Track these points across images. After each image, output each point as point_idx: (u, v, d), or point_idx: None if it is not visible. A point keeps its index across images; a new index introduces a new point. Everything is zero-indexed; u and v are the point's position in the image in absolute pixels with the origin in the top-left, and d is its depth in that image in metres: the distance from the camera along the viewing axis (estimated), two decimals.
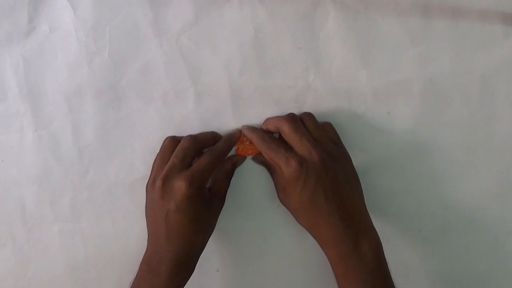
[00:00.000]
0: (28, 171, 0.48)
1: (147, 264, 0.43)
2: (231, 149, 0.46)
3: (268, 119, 0.46)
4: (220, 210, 0.46)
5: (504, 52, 0.45)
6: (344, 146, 0.45)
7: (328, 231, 0.42)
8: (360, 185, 0.44)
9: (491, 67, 0.46)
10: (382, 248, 0.42)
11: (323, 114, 0.46)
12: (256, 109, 0.47)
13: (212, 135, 0.46)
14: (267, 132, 0.45)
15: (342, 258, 0.41)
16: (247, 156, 0.47)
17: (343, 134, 0.46)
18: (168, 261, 0.42)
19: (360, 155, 0.47)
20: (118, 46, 0.46)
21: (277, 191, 0.46)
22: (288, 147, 0.43)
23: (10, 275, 0.50)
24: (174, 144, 0.45)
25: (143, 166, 0.47)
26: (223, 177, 0.47)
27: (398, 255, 0.47)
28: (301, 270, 0.49)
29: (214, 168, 0.44)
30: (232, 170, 0.47)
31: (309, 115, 0.45)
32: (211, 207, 0.44)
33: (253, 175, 0.48)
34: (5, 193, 0.48)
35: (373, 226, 0.43)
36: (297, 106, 0.47)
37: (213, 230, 0.45)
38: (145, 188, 0.46)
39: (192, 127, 0.47)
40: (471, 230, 0.49)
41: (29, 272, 0.50)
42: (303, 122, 0.45)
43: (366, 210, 0.43)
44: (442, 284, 0.50)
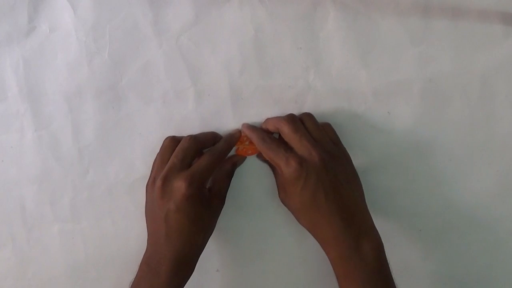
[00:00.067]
0: (28, 171, 0.48)
1: (147, 264, 0.43)
2: (231, 149, 0.46)
3: (268, 120, 0.46)
4: (220, 210, 0.46)
5: (504, 52, 0.45)
6: (344, 146, 0.45)
7: (329, 231, 0.41)
8: (361, 185, 0.44)
9: (491, 67, 0.46)
10: (384, 248, 0.42)
11: (323, 114, 0.46)
12: (256, 109, 0.47)
13: (212, 135, 0.46)
14: (267, 132, 0.45)
15: (343, 258, 0.41)
16: (247, 156, 0.47)
17: (343, 134, 0.46)
18: (168, 261, 0.42)
19: (360, 155, 0.47)
20: (118, 46, 0.46)
21: (278, 191, 0.46)
22: (288, 148, 0.43)
23: (10, 275, 0.50)
24: (174, 144, 0.45)
25: (143, 166, 0.47)
26: (223, 177, 0.47)
27: (398, 255, 0.47)
28: (301, 270, 0.49)
29: (214, 168, 0.44)
30: (232, 170, 0.47)
31: (309, 116, 0.45)
32: (211, 207, 0.44)
33: (253, 175, 0.48)
34: (5, 193, 0.48)
35: (374, 226, 0.43)
36: (297, 106, 0.47)
37: (213, 230, 0.45)
38: (145, 188, 0.46)
39: (192, 127, 0.47)
40: (471, 230, 0.49)
41: (29, 272, 0.50)
42: (303, 123, 0.44)
43: (367, 210, 0.43)
44: (442, 284, 0.50)
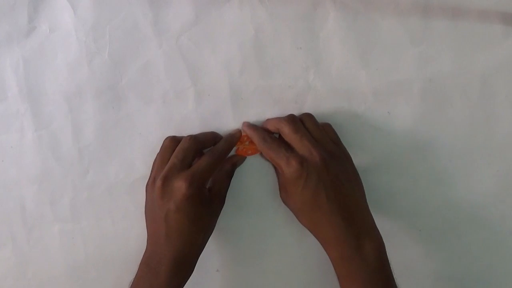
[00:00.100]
0: (28, 171, 0.48)
1: (147, 264, 0.43)
2: (232, 150, 0.46)
3: (268, 120, 0.46)
4: (220, 211, 0.46)
5: (504, 52, 0.45)
6: (344, 146, 0.45)
7: (330, 231, 0.41)
8: (362, 184, 0.44)
9: (491, 67, 0.46)
10: (385, 248, 0.42)
11: (323, 114, 0.46)
12: (256, 109, 0.47)
13: (213, 135, 0.46)
14: (268, 132, 0.45)
15: (344, 258, 0.41)
16: (247, 156, 0.47)
17: (343, 134, 0.46)
18: (168, 261, 0.42)
19: (360, 155, 0.47)
20: (118, 46, 0.46)
21: (280, 191, 0.46)
22: (289, 148, 0.43)
23: (10, 275, 0.50)
24: (174, 144, 0.45)
25: (143, 166, 0.47)
26: (223, 178, 0.46)
27: (399, 255, 0.47)
28: (301, 270, 0.49)
29: (215, 169, 0.44)
30: (232, 170, 0.47)
31: (309, 116, 0.45)
32: (211, 207, 0.44)
33: (253, 175, 0.48)
34: (5, 193, 0.48)
35: (376, 226, 0.43)
36: (297, 107, 0.47)
37: (213, 230, 0.45)
38: (145, 188, 0.46)
39: (192, 127, 0.47)
40: (472, 230, 0.49)
41: (29, 272, 0.50)
42: (303, 123, 0.44)
43: (368, 210, 0.43)
44: (443, 284, 0.50)
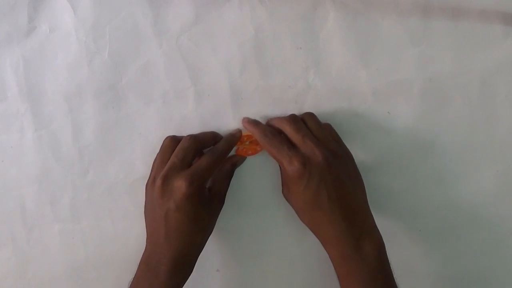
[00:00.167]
0: (28, 171, 0.48)
1: (146, 264, 0.43)
2: (232, 149, 0.46)
3: (270, 121, 0.46)
4: (220, 210, 0.46)
5: (504, 52, 0.45)
6: (346, 146, 0.45)
7: (331, 230, 0.41)
8: (363, 184, 0.44)
9: (491, 67, 0.46)
10: (385, 248, 0.42)
11: (323, 114, 0.46)
12: (256, 109, 0.47)
13: (213, 135, 0.46)
14: (269, 127, 0.45)
15: (345, 258, 0.41)
16: (247, 156, 0.47)
17: (343, 134, 0.46)
18: (167, 261, 0.42)
19: (360, 155, 0.47)
20: (118, 46, 0.46)
21: (282, 186, 0.46)
22: (292, 145, 0.42)
23: (10, 275, 0.50)
24: (174, 144, 0.45)
25: (143, 166, 0.47)
26: (223, 177, 0.46)
27: (398, 255, 0.46)
28: (301, 270, 0.49)
29: (215, 168, 0.44)
30: (232, 170, 0.47)
31: (311, 115, 0.45)
32: (211, 207, 0.44)
33: (253, 175, 0.48)
34: (5, 193, 0.48)
35: (376, 226, 0.43)
36: (297, 106, 0.47)
37: (212, 230, 0.45)
38: (145, 188, 0.46)
39: (192, 127, 0.47)
40: (472, 230, 0.49)
41: (29, 272, 0.50)
42: (305, 122, 0.44)
43: (369, 210, 0.43)
44: (443, 284, 0.50)
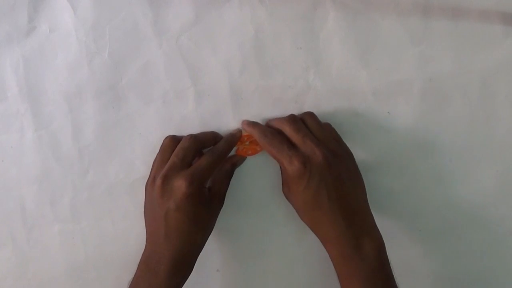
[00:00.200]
0: (28, 171, 0.48)
1: (146, 264, 0.43)
2: (232, 149, 0.46)
3: (269, 121, 0.46)
4: (220, 210, 0.46)
5: (504, 52, 0.45)
6: (346, 145, 0.45)
7: (331, 230, 0.41)
8: (363, 184, 0.44)
9: (491, 67, 0.46)
10: (385, 248, 0.42)
11: (323, 114, 0.46)
12: (256, 109, 0.47)
13: (213, 135, 0.46)
14: (268, 127, 0.45)
15: (344, 257, 0.41)
16: (247, 156, 0.47)
17: (343, 134, 0.46)
18: (167, 261, 0.42)
19: (360, 155, 0.47)
20: (118, 46, 0.46)
21: (282, 185, 0.46)
22: (292, 145, 0.42)
23: (10, 275, 0.50)
24: (174, 144, 0.45)
25: (143, 166, 0.47)
26: (223, 177, 0.46)
27: (398, 255, 0.46)
28: (302, 270, 0.49)
29: (215, 168, 0.44)
30: (232, 170, 0.47)
31: (311, 115, 0.45)
32: (211, 207, 0.44)
33: (253, 176, 0.48)
34: (5, 193, 0.48)
35: (376, 226, 0.43)
36: (297, 106, 0.47)
37: (212, 230, 0.45)
38: (145, 188, 0.46)
39: (192, 127, 0.47)
40: (472, 230, 0.49)
41: (29, 272, 0.50)
42: (305, 122, 0.44)
43: (369, 209, 0.43)
44: (442, 284, 0.50)
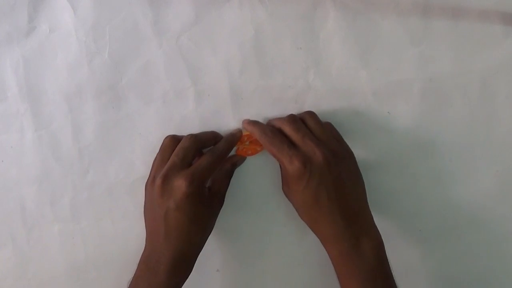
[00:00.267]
0: (28, 171, 0.48)
1: (145, 264, 0.43)
2: (232, 149, 0.46)
3: (269, 122, 0.46)
4: (219, 210, 0.46)
5: (504, 52, 0.45)
6: (347, 144, 0.45)
7: (330, 229, 0.42)
8: (363, 183, 0.44)
9: (491, 67, 0.46)
10: (384, 247, 0.42)
11: (323, 114, 0.46)
12: (256, 109, 0.47)
13: (213, 135, 0.46)
14: (269, 126, 0.45)
15: (343, 256, 0.41)
16: (247, 156, 0.47)
17: (343, 134, 0.46)
18: (167, 260, 0.42)
19: (360, 155, 0.46)
20: (118, 46, 0.46)
21: (282, 183, 0.46)
22: (292, 144, 0.42)
23: (10, 275, 0.50)
24: (174, 143, 0.45)
25: (143, 166, 0.47)
26: (223, 177, 0.47)
27: (398, 255, 0.47)
28: (301, 270, 0.49)
29: (215, 168, 0.44)
30: (232, 170, 0.47)
31: (311, 114, 0.45)
32: (211, 207, 0.44)
33: (253, 175, 0.48)
34: (5, 193, 0.48)
35: (375, 225, 0.43)
36: (297, 106, 0.47)
37: (212, 230, 0.45)
38: (144, 187, 0.46)
39: (192, 127, 0.47)
40: (472, 230, 0.49)
41: (29, 272, 0.50)
42: (305, 121, 0.44)
43: (368, 209, 0.43)
44: (442, 284, 0.50)
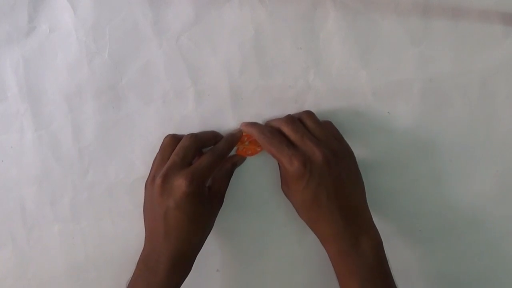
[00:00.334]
0: (28, 171, 0.48)
1: (145, 263, 0.43)
2: (232, 149, 0.46)
3: (268, 122, 0.46)
4: (219, 210, 0.46)
5: (504, 52, 0.45)
6: (347, 143, 0.45)
7: (329, 229, 0.42)
8: (363, 182, 0.44)
9: (491, 67, 0.46)
10: (383, 246, 0.42)
11: (323, 114, 0.46)
12: (256, 109, 0.47)
13: (213, 135, 0.46)
14: (267, 126, 0.45)
15: (342, 255, 0.41)
16: (247, 156, 0.47)
17: (343, 134, 0.46)
18: (166, 260, 0.42)
19: (360, 155, 0.46)
20: (118, 46, 0.46)
21: (281, 182, 0.46)
22: (291, 144, 0.42)
23: (10, 275, 0.50)
24: (175, 143, 0.45)
25: (143, 166, 0.47)
26: (223, 177, 0.47)
27: (398, 255, 0.47)
28: (301, 270, 0.49)
29: (215, 168, 0.44)
30: (232, 170, 0.47)
31: (309, 114, 0.45)
32: (210, 206, 0.44)
33: (253, 175, 0.48)
34: (5, 193, 0.48)
35: (374, 224, 0.43)
36: (297, 106, 0.47)
37: (211, 230, 0.45)
38: (144, 186, 0.46)
39: (192, 127, 0.47)
40: (471, 230, 0.49)
41: (29, 272, 0.50)
42: (303, 121, 0.44)
43: (368, 208, 0.43)
44: (442, 284, 0.50)
